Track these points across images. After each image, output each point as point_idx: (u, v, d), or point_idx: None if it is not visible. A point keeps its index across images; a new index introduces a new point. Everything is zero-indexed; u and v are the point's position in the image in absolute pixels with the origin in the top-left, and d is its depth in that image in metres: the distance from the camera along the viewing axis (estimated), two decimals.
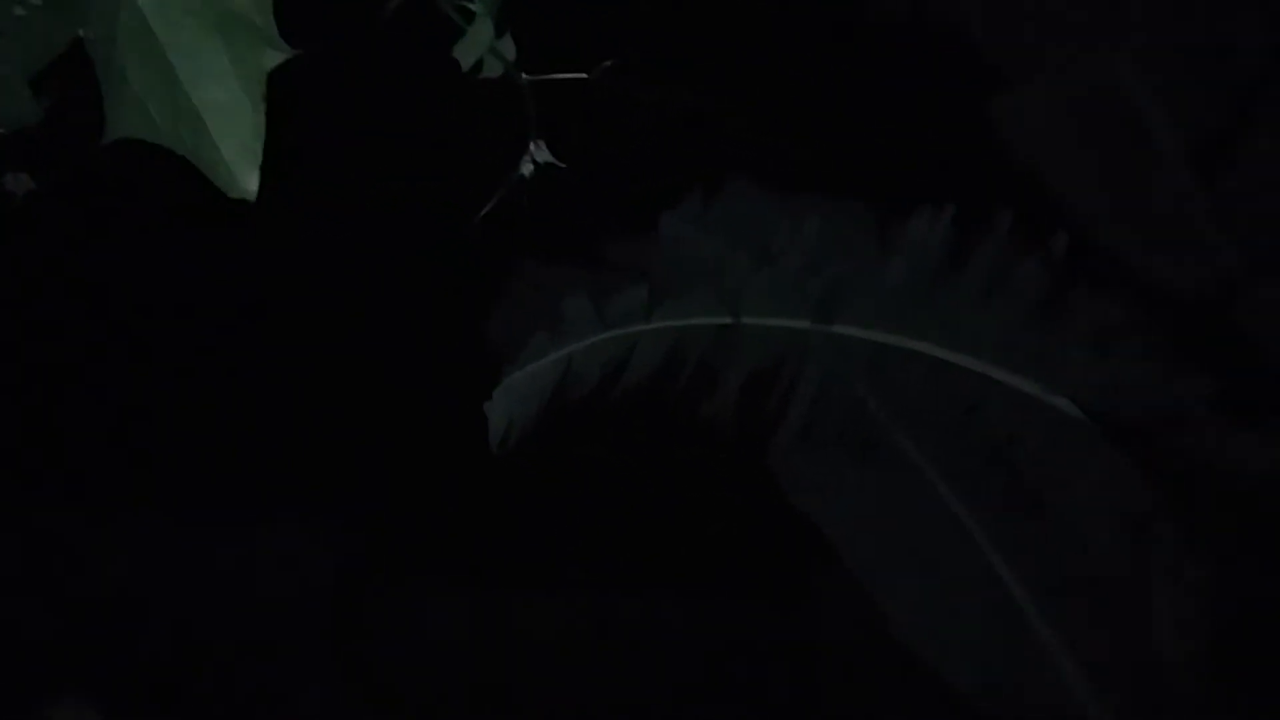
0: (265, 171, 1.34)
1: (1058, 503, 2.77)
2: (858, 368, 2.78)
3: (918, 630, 3.06)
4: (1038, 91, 3.64)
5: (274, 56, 1.30)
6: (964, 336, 2.73)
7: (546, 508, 4.21)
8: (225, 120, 1.29)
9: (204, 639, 3.98)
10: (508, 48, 1.45)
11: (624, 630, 4.27)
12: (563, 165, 1.60)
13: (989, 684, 2.98)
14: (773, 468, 2.98)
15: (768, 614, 4.11)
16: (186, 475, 4.02)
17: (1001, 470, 2.78)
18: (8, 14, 1.23)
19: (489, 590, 4.25)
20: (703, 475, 3.83)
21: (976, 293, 2.72)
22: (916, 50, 3.81)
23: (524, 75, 1.48)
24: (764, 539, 3.98)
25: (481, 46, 1.34)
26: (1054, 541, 2.81)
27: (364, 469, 4.16)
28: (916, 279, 2.82)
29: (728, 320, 2.81)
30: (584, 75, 1.48)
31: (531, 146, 1.59)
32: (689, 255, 3.05)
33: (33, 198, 1.44)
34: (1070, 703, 2.92)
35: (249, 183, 1.30)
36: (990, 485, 2.83)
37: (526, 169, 1.61)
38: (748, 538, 4.05)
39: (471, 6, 1.33)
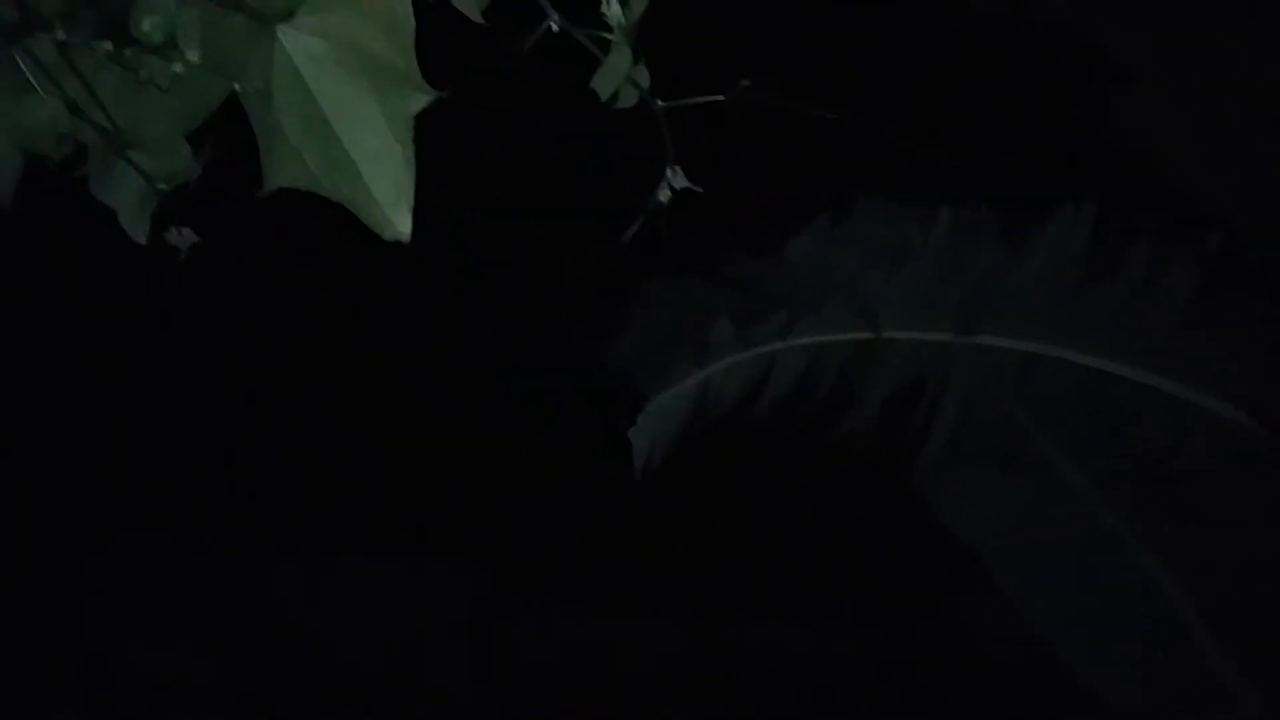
0: (416, 212, 1.38)
1: (1223, 513, 2.68)
2: (1004, 379, 2.72)
3: (1073, 646, 2.98)
4: (1176, 89, 3.55)
5: (419, 100, 1.34)
6: (1115, 342, 2.65)
7: (683, 530, 4.22)
8: (377, 165, 1.33)
9: (349, 666, 4.08)
10: (642, 75, 1.47)
11: (757, 654, 4.25)
12: (699, 189, 1.61)
13: (1151, 701, 2.89)
14: (917, 485, 2.94)
15: (901, 637, 4.05)
16: (331, 512, 4.14)
17: (1161, 480, 2.69)
18: (166, 73, 1.28)
19: (624, 613, 4.27)
20: (840, 493, 3.80)
21: (1126, 296, 2.65)
22: (1044, 51, 3.75)
23: (659, 102, 1.49)
24: (900, 560, 3.93)
25: (619, 76, 1.36)
26: (1220, 554, 2.71)
27: (496, 500, 4.23)
28: (1060, 283, 2.76)
29: (867, 335, 2.78)
30: (720, 98, 1.49)
31: (668, 173, 1.60)
32: (822, 274, 3.03)
33: (196, 250, 1.49)
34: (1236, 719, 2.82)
35: (403, 224, 1.34)
36: (1150, 496, 2.75)
37: (664, 195, 1.62)
38: (884, 559, 3.99)
39: (608, 37, 1.34)
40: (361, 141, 1.32)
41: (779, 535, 4.12)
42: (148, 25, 1.08)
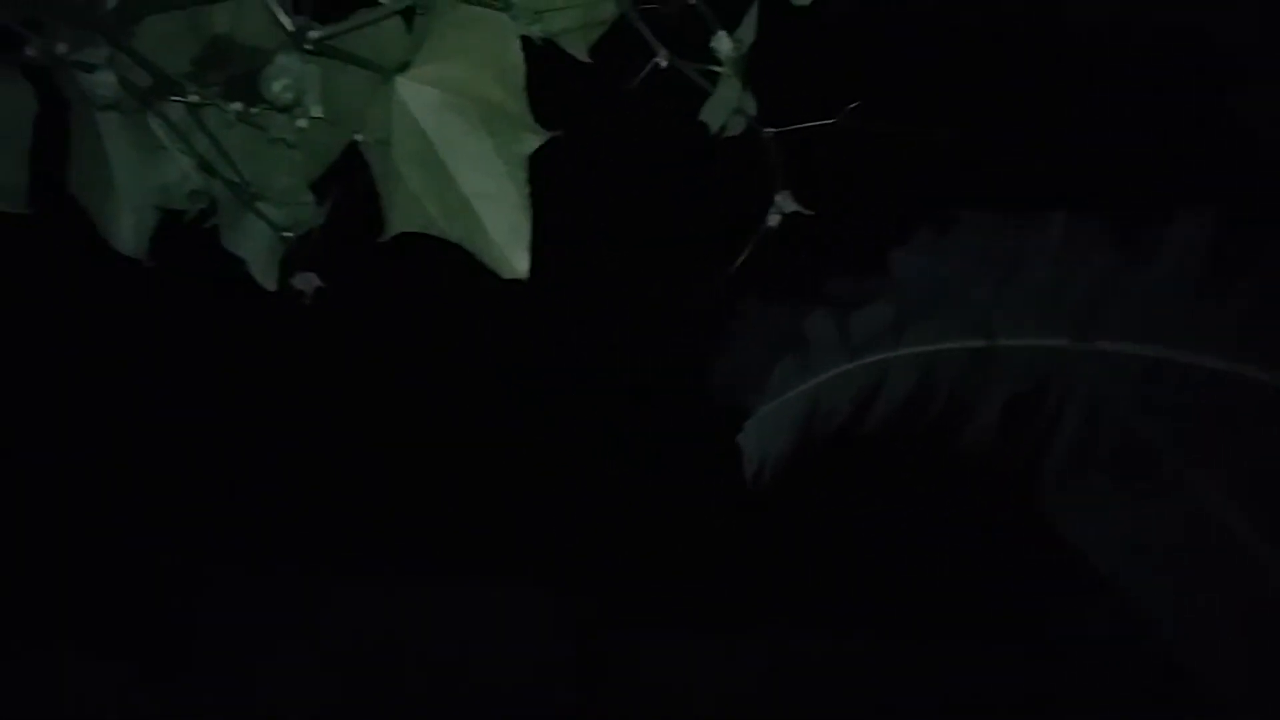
0: (533, 249, 1.41)
1: None
2: (1127, 385, 2.66)
3: (1201, 654, 2.90)
4: None
5: (532, 141, 1.37)
6: (1240, 344, 2.58)
7: (791, 545, 4.20)
8: (494, 207, 1.36)
9: (458, 689, 4.14)
10: (749, 103, 1.48)
11: (870, 668, 4.20)
12: (810, 213, 1.61)
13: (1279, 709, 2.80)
14: (1036, 495, 2.88)
15: (1022, 649, 3.98)
16: (440, 536, 4.22)
17: None
18: (291, 128, 1.33)
19: (732, 630, 4.25)
20: (956, 506, 3.75)
21: (1250, 297, 2.58)
22: (1152, 57, 3.68)
23: (767, 129, 1.50)
24: (1018, 571, 3.86)
25: (728, 108, 1.37)
26: None
27: (601, 522, 4.26)
28: (1181, 286, 2.69)
29: (982, 343, 2.74)
30: (830, 121, 1.49)
31: (777, 198, 1.60)
32: (929, 286, 2.99)
33: (320, 295, 1.53)
34: None
35: (520, 263, 1.36)
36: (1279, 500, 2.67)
37: (773, 220, 1.62)
38: (1002, 571, 3.93)
39: (716, 69, 1.36)
40: (478, 184, 1.35)
41: (893, 549, 4.08)
42: (278, 87, 1.12)
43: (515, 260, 1.35)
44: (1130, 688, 3.48)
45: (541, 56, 1.43)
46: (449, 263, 1.49)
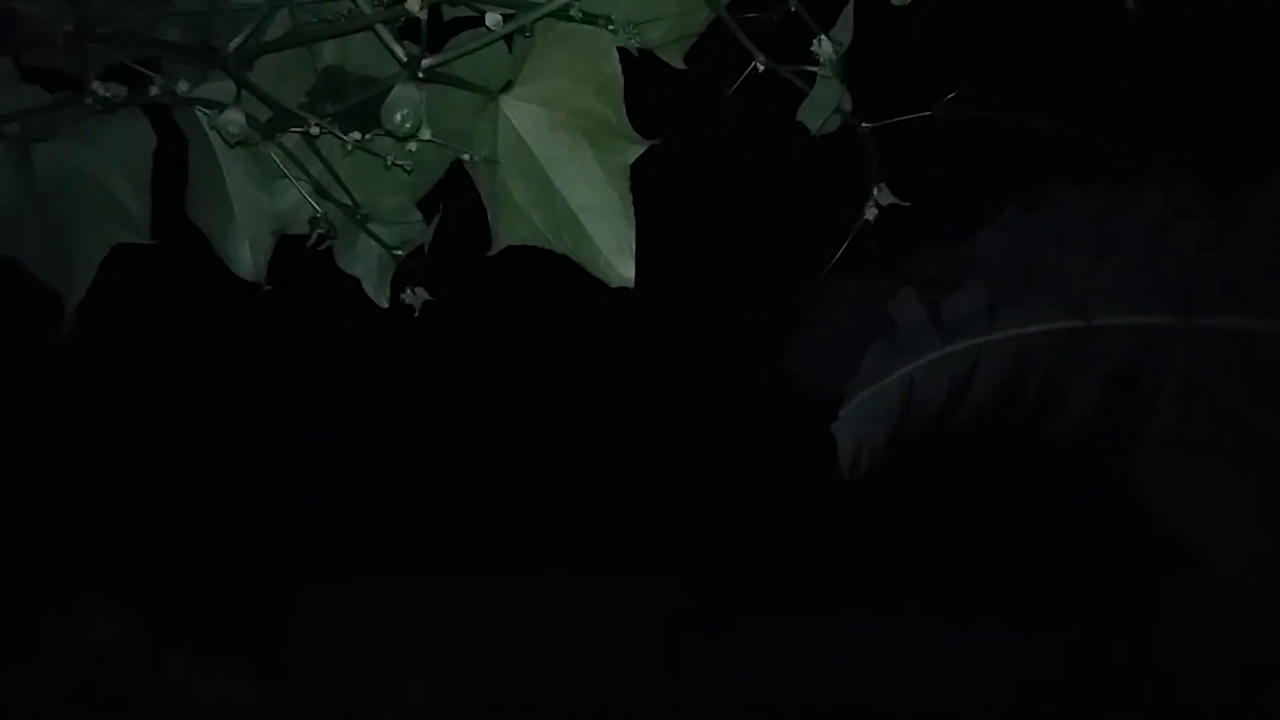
0: (639, 257, 1.44)
1: None
2: (1225, 362, 2.61)
3: None
4: None
5: (633, 150, 1.39)
6: None
7: (881, 531, 4.18)
8: (599, 218, 1.39)
9: (548, 681, 4.20)
10: (846, 101, 1.49)
11: (962, 657, 4.17)
12: (907, 204, 1.62)
13: None
14: (1135, 480, 2.83)
15: (1118, 641, 3.92)
16: (532, 534, 4.30)
17: None
18: (401, 150, 1.37)
19: (821, 620, 4.25)
20: (1051, 488, 3.70)
21: None
22: (1232, 26, 3.60)
23: (864, 124, 1.51)
24: (1114, 554, 3.81)
25: (828, 107, 1.38)
26: None
27: (689, 512, 4.29)
28: (1277, 256, 2.63)
29: (1077, 323, 2.69)
30: (926, 114, 1.50)
31: (875, 191, 1.62)
32: (1020, 265, 2.97)
33: (429, 308, 1.58)
34: None
35: (626, 271, 1.39)
36: None
37: (871, 214, 1.64)
38: (1097, 554, 3.88)
39: (814, 70, 1.37)
40: (582, 196, 1.38)
41: (989, 536, 4.05)
42: (399, 117, 1.16)
43: (622, 268, 1.38)
44: (1229, 675, 3.42)
45: (639, 66, 1.46)
46: (556, 273, 1.53)
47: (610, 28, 1.29)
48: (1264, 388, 2.72)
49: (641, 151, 1.39)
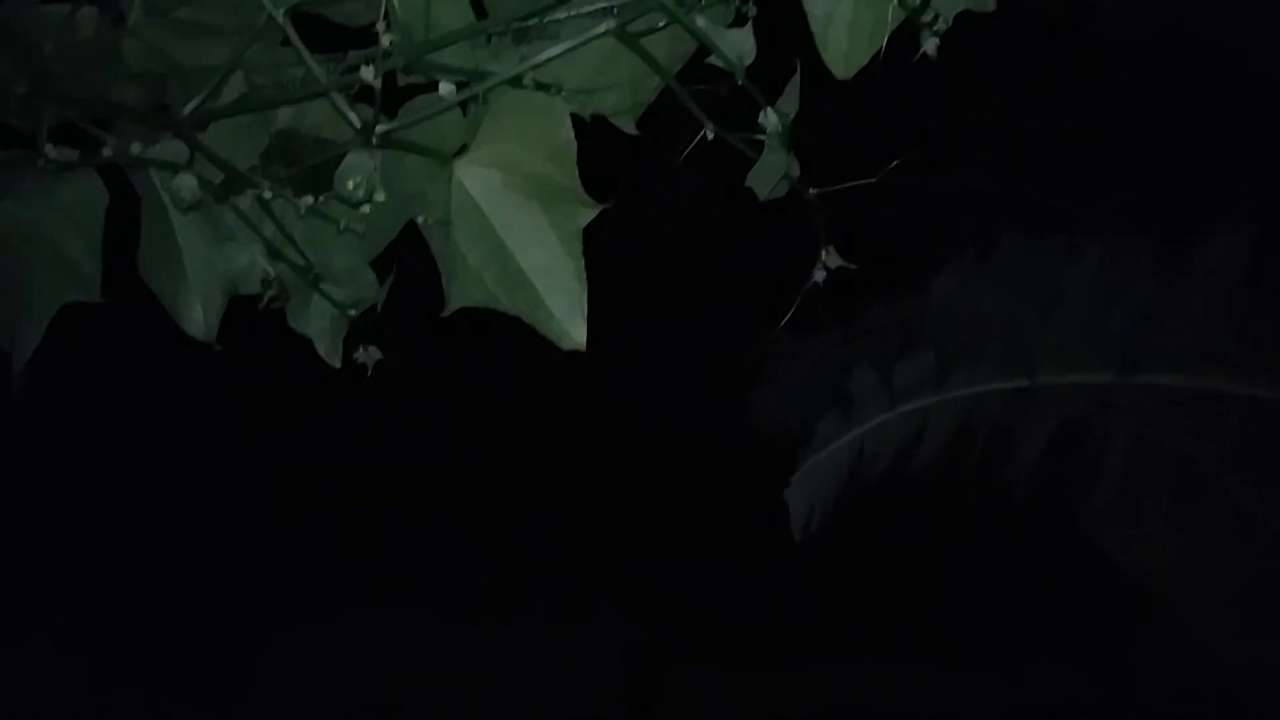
0: (592, 319, 1.45)
1: None
2: (1174, 416, 2.66)
3: (1265, 685, 2.88)
4: None
5: (586, 214, 1.41)
6: None
7: (838, 583, 4.21)
8: (551, 280, 1.40)
9: None
10: (794, 167, 1.52)
11: (922, 704, 4.18)
12: (854, 266, 1.65)
13: None
14: (1087, 528, 2.88)
15: (1079, 676, 3.96)
16: (494, 581, 4.30)
17: None
18: (357, 215, 1.38)
19: (781, 670, 4.26)
20: (1004, 542, 3.75)
21: None
22: (1184, 79, 3.71)
23: (811, 190, 1.54)
24: (1070, 599, 3.85)
25: (776, 175, 1.41)
26: None
27: (650, 561, 4.31)
28: (1222, 311, 2.68)
29: (1024, 382, 2.75)
30: (871, 180, 1.53)
31: (823, 254, 1.64)
32: (970, 317, 3.02)
33: (381, 367, 1.58)
34: None
35: (578, 334, 1.40)
36: None
37: (819, 276, 1.66)
38: (1052, 599, 3.92)
39: (762, 138, 1.40)
40: (535, 259, 1.39)
41: (938, 583, 4.08)
42: (352, 185, 1.18)
43: (574, 331, 1.39)
44: (1186, 715, 3.46)
45: (592, 131, 1.48)
46: (508, 334, 1.54)
47: (562, 95, 1.31)
48: (1210, 437, 2.77)
49: (594, 215, 1.41)
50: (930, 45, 1.20)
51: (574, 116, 1.39)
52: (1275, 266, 2.76)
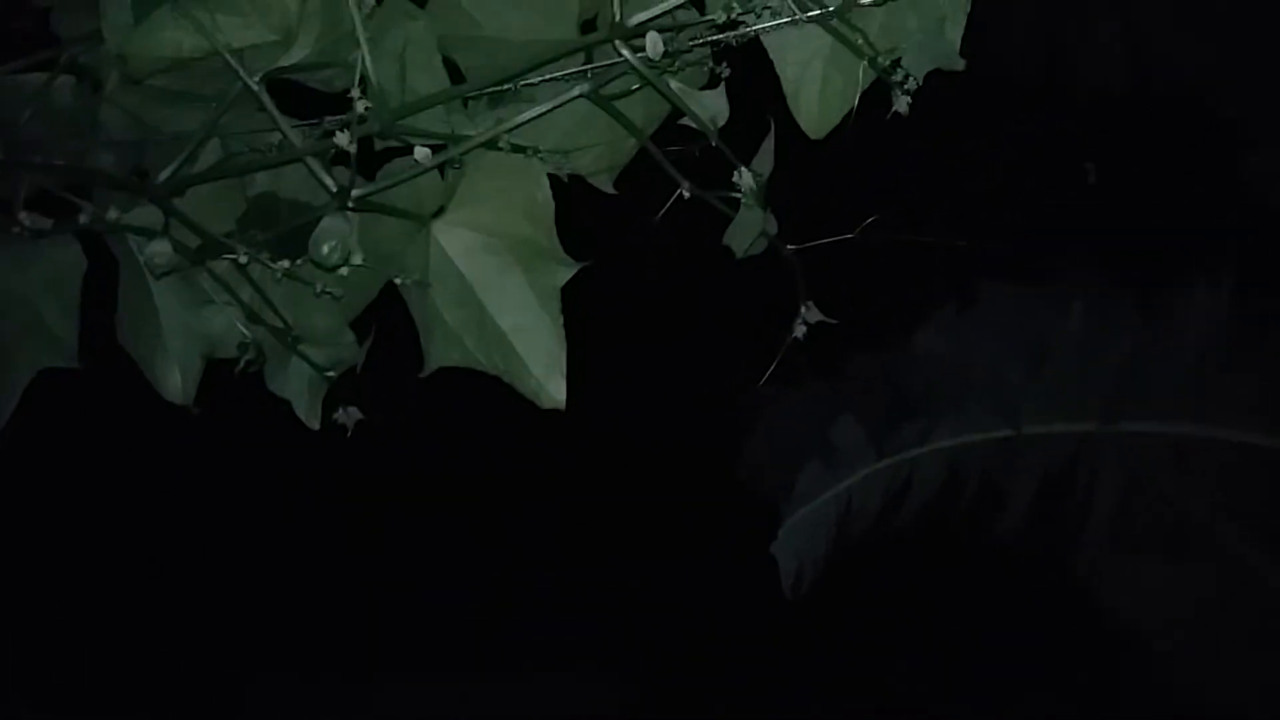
0: (570, 377, 1.45)
1: None
2: (1160, 463, 2.67)
3: None
4: None
5: (564, 273, 1.41)
6: (1270, 414, 2.59)
7: (829, 638, 4.18)
8: (529, 339, 1.40)
9: None
10: (771, 224, 1.53)
11: None
12: (834, 321, 1.66)
13: None
14: (1077, 577, 2.87)
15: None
16: (481, 637, 4.28)
17: None
18: (335, 276, 1.38)
19: None
20: (995, 592, 3.74)
21: (1274, 364, 2.59)
22: (1161, 129, 3.74)
23: (788, 246, 1.54)
24: (1064, 651, 3.83)
25: (752, 232, 1.42)
26: None
27: (642, 616, 4.29)
28: (1204, 359, 2.70)
29: (1009, 433, 2.75)
30: (848, 236, 1.53)
31: (803, 310, 1.65)
32: (954, 368, 3.02)
33: (361, 428, 1.57)
34: None
35: (557, 392, 1.40)
36: None
37: (799, 331, 1.67)
38: (1047, 652, 3.90)
39: (738, 196, 1.40)
40: (514, 318, 1.39)
41: (930, 635, 4.06)
42: (326, 250, 1.18)
43: (553, 390, 1.39)
44: None
45: (569, 190, 1.48)
46: (488, 392, 1.54)
47: (539, 156, 1.32)
48: (1196, 483, 2.78)
49: (572, 274, 1.41)
50: (902, 104, 1.20)
51: (551, 176, 1.40)
52: (1254, 313, 2.78)
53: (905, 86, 1.18)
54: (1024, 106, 3.72)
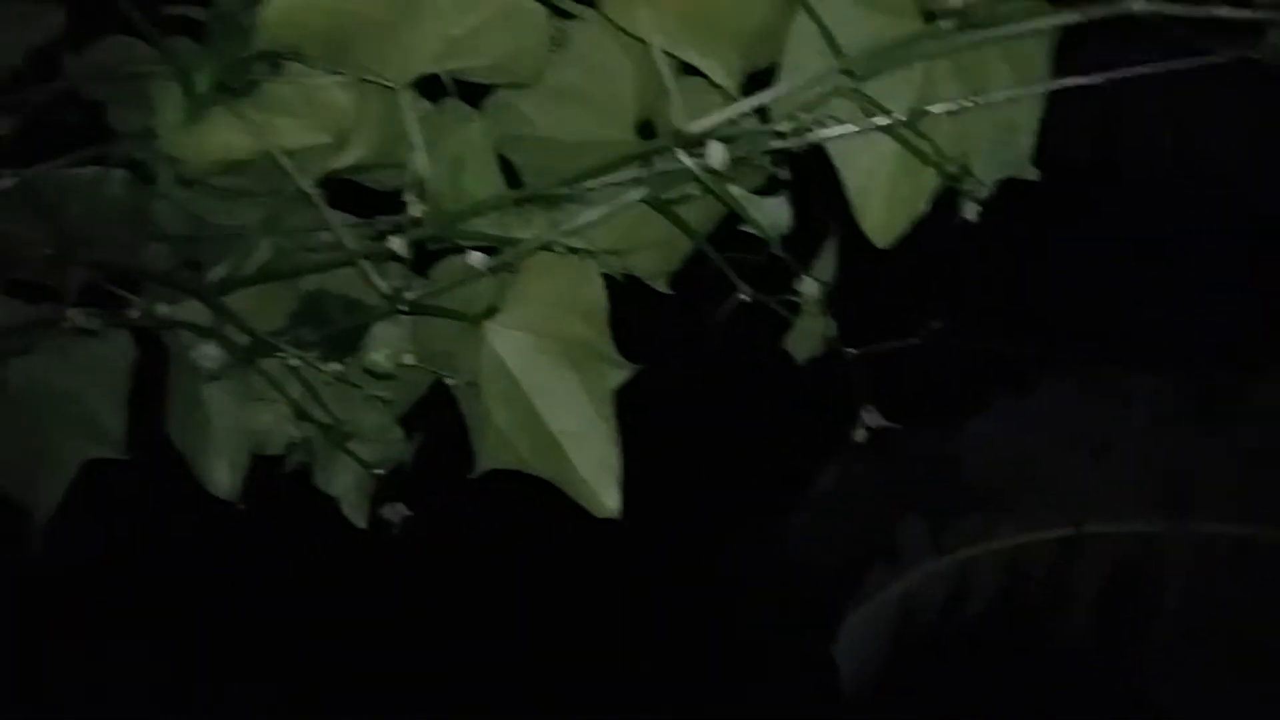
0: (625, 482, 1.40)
1: None
2: (1228, 565, 2.57)
3: None
4: None
5: (618, 375, 1.37)
6: None
7: None
8: (582, 444, 1.35)
9: None
10: (831, 328, 1.48)
11: None
12: (897, 427, 1.60)
13: None
14: (1142, 682, 2.77)
15: None
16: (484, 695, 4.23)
17: None
18: (385, 384, 1.35)
19: None
20: (1058, 696, 3.61)
21: None
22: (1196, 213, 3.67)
23: (850, 350, 1.50)
24: None
25: (814, 339, 1.37)
26: None
27: (695, 715, 4.20)
28: (1271, 455, 2.62)
29: (1071, 531, 2.67)
30: (914, 341, 1.49)
31: (863, 414, 1.60)
32: (1014, 462, 2.96)
33: (408, 524, 1.54)
34: None
35: (611, 500, 1.35)
36: None
37: (860, 435, 1.62)
38: None
39: (798, 300, 1.37)
40: (566, 422, 1.35)
41: None
42: (379, 357, 1.15)
43: (606, 497, 1.34)
44: None
45: (624, 291, 1.45)
46: (540, 494, 1.50)
47: (594, 257, 1.29)
48: (1263, 589, 2.68)
49: (627, 377, 1.38)
50: (971, 211, 1.16)
51: (606, 276, 1.37)
52: None
53: (975, 195, 1.14)
54: (1088, 202, 3.67)
